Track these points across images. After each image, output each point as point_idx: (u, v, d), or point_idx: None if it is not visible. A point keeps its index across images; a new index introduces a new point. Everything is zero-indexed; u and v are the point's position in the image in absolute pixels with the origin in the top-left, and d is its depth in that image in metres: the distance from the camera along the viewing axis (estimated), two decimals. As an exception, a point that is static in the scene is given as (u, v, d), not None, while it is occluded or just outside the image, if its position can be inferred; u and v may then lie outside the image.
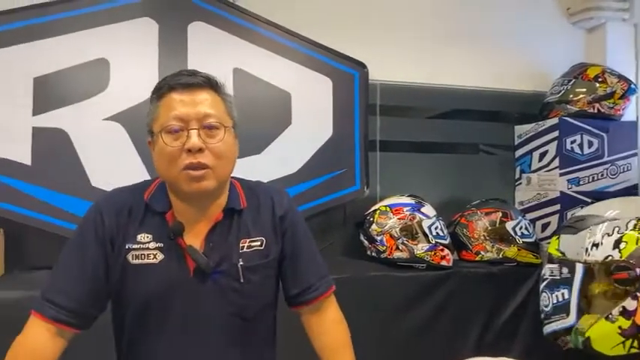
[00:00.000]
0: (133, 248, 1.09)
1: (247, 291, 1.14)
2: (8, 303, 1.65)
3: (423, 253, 2.21)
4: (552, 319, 1.84)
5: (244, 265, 1.13)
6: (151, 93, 1.12)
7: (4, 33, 2.04)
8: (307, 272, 1.24)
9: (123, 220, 1.11)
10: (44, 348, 1.05)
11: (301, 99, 2.42)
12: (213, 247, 1.12)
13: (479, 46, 2.84)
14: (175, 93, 1.07)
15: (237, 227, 1.16)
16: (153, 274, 1.09)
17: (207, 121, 1.07)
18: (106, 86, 2.14)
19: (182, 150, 1.04)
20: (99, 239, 1.09)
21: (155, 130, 1.08)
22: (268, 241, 1.18)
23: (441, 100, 2.81)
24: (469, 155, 2.90)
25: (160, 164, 1.09)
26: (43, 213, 2.04)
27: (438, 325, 2.14)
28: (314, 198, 2.41)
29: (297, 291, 1.23)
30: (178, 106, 1.06)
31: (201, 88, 1.09)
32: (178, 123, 1.05)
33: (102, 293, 1.10)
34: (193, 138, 1.04)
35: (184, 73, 1.11)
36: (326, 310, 1.26)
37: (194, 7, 2.26)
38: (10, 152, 2.02)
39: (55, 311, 1.05)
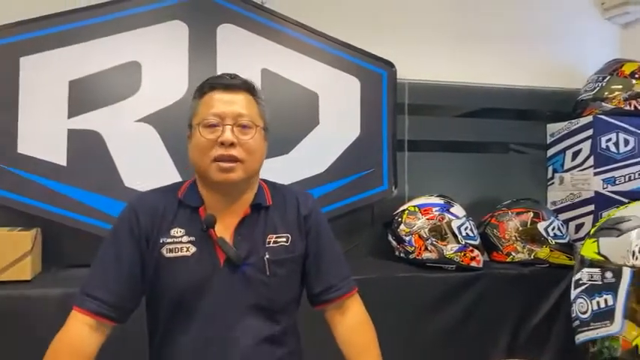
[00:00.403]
0: (167, 242, 1.17)
1: (273, 284, 1.19)
2: (47, 300, 1.71)
3: (453, 253, 2.19)
4: (591, 326, 1.75)
5: (270, 258, 1.19)
6: (195, 91, 1.23)
7: (40, 38, 2.09)
8: (331, 272, 1.29)
9: (157, 218, 1.18)
10: (84, 342, 1.10)
11: (329, 99, 2.42)
12: (242, 240, 1.19)
13: (509, 43, 2.79)
14: (215, 92, 1.19)
15: (264, 223, 1.23)
16: (186, 266, 1.16)
17: (241, 119, 1.17)
18: (138, 88, 2.18)
19: (215, 142, 1.14)
20: (134, 236, 1.16)
21: (194, 124, 1.18)
22: (294, 238, 1.24)
23: (470, 98, 2.77)
24: (499, 154, 2.85)
25: (194, 154, 1.18)
26: (78, 212, 2.09)
27: (467, 327, 2.12)
28: (341, 198, 2.41)
29: (319, 289, 1.27)
30: (217, 104, 1.17)
31: (238, 90, 1.20)
32: (215, 119, 1.16)
33: (138, 287, 1.17)
34: (227, 133, 1.14)
35: (226, 75, 1.22)
36: (350, 310, 1.29)
37: (223, 9, 2.29)
38: (47, 154, 2.08)
39: (96, 305, 1.11)
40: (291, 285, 1.25)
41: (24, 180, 2.04)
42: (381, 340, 1.27)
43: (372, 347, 1.26)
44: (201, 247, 1.17)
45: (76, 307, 1.12)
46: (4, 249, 1.82)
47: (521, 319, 2.19)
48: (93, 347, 1.11)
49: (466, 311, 2.12)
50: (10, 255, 1.82)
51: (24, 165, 2.05)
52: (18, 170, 2.04)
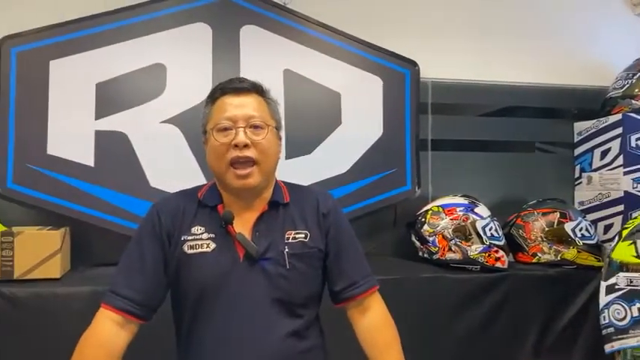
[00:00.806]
0: (188, 239, 1.21)
1: (293, 278, 1.21)
2: (76, 297, 1.75)
3: (477, 254, 2.16)
4: (631, 334, 1.69)
5: (290, 252, 1.21)
6: (206, 97, 1.26)
7: (69, 42, 2.14)
8: (351, 269, 1.30)
9: (177, 218, 1.23)
10: (112, 338, 1.13)
11: (351, 99, 2.42)
12: (260, 235, 1.22)
13: (535, 39, 2.75)
14: (226, 97, 1.22)
15: (283, 219, 1.26)
16: (207, 262, 1.19)
17: (252, 121, 1.20)
18: (163, 90, 2.21)
19: (230, 145, 1.17)
20: (157, 235, 1.21)
21: (208, 129, 1.22)
22: (312, 235, 1.26)
23: (494, 97, 2.74)
24: (525, 154, 2.82)
25: (210, 159, 1.22)
26: (105, 212, 2.13)
27: (492, 329, 2.09)
28: (364, 198, 2.40)
29: (340, 287, 1.29)
30: (229, 108, 1.20)
31: (248, 93, 1.23)
32: (227, 122, 1.19)
33: (162, 285, 1.21)
34: (240, 135, 1.18)
35: (235, 80, 1.25)
36: (371, 308, 1.30)
37: (246, 11, 2.31)
38: (75, 154, 2.13)
39: (122, 302, 1.15)
40: (311, 280, 1.26)
41: (53, 180, 2.09)
42: (405, 340, 1.27)
43: (393, 346, 1.27)
44: (221, 243, 1.20)
45: (104, 304, 1.16)
46: (34, 248, 1.86)
47: (547, 322, 2.15)
48: (120, 343, 1.14)
49: (491, 313, 2.09)
50: (40, 254, 1.87)
51: (53, 166, 2.10)
52: (47, 171, 2.09)
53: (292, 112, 2.28)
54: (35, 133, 2.09)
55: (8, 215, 2.09)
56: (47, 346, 1.69)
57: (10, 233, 1.85)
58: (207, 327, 1.19)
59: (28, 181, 2.07)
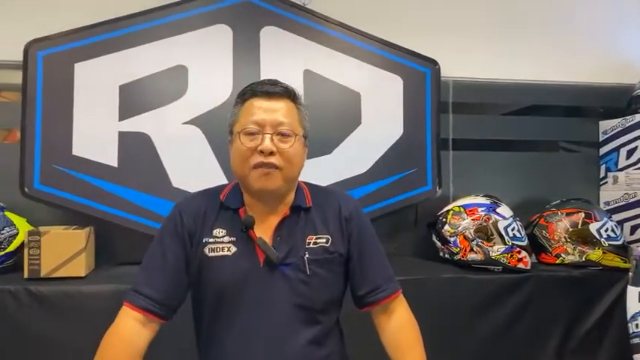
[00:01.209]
0: (209, 242, 1.20)
1: (313, 283, 1.20)
2: (100, 295, 1.78)
3: (499, 255, 2.14)
4: None
5: (310, 257, 1.20)
6: (236, 97, 1.25)
7: (93, 45, 2.19)
8: (375, 274, 1.28)
9: (199, 219, 1.22)
10: (134, 337, 1.14)
11: (371, 98, 2.42)
12: (281, 240, 1.21)
13: (558, 38, 2.71)
14: (256, 99, 1.20)
15: (304, 224, 1.24)
16: (227, 265, 1.18)
17: (281, 128, 1.18)
18: (185, 91, 2.24)
19: (255, 150, 1.16)
20: (179, 236, 1.21)
21: (235, 131, 1.20)
22: (334, 240, 1.24)
23: (517, 95, 2.70)
24: (548, 153, 2.78)
25: (234, 161, 1.21)
26: (129, 212, 2.17)
27: (514, 330, 2.06)
28: (384, 198, 2.39)
29: (364, 291, 1.27)
30: (257, 112, 1.18)
31: (279, 98, 1.21)
32: (255, 127, 1.17)
33: (183, 285, 1.21)
34: (266, 141, 1.16)
35: (267, 82, 1.22)
36: (395, 311, 1.29)
37: (266, 12, 2.32)
38: (99, 155, 2.16)
39: (144, 301, 1.16)
40: (332, 285, 1.25)
41: (78, 181, 2.13)
42: (427, 341, 1.26)
43: (416, 348, 1.25)
44: (242, 247, 1.20)
45: (127, 302, 1.17)
46: (60, 247, 1.90)
47: (571, 324, 2.11)
48: (142, 342, 1.15)
49: (513, 314, 2.07)
50: (65, 252, 1.91)
51: (78, 166, 2.14)
52: (73, 171, 2.14)
53: (312, 112, 2.22)
54: (61, 135, 2.14)
55: (35, 215, 2.14)
56: (72, 343, 1.72)
57: (37, 233, 1.89)
58: (227, 330, 1.19)
59: (54, 181, 2.11)
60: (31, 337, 1.75)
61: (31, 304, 1.76)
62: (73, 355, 1.67)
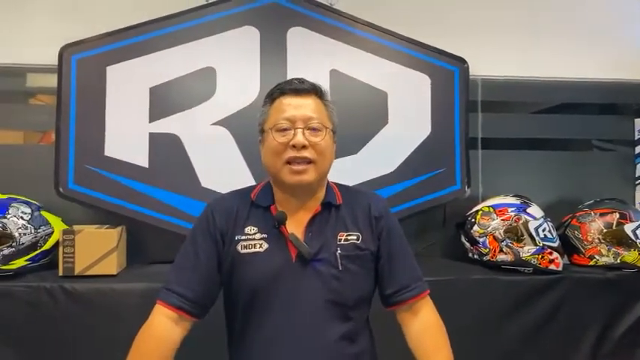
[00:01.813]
0: (241, 239, 1.22)
1: (345, 279, 1.21)
2: (132, 293, 1.82)
3: (530, 256, 2.10)
4: None
5: (342, 253, 1.22)
6: (265, 97, 1.28)
7: (124, 48, 2.24)
8: (403, 273, 1.29)
9: (231, 218, 1.25)
10: (167, 334, 1.17)
11: (398, 98, 2.40)
12: (313, 236, 1.23)
13: (591, 32, 2.64)
14: (285, 97, 1.24)
15: (335, 221, 1.26)
16: (259, 262, 1.20)
17: (311, 122, 1.21)
18: (213, 93, 2.27)
19: (287, 145, 1.19)
20: (211, 235, 1.23)
21: (266, 128, 1.23)
22: (364, 237, 1.26)
23: (548, 93, 2.65)
24: (581, 152, 2.71)
25: (267, 157, 1.24)
26: (159, 211, 2.20)
27: (545, 333, 2.02)
28: (412, 198, 2.38)
29: (392, 290, 1.28)
30: (288, 109, 1.22)
31: (307, 94, 1.24)
32: (286, 122, 1.20)
33: (215, 284, 1.24)
34: (298, 136, 1.19)
35: (295, 80, 1.25)
36: (422, 313, 1.29)
37: (293, 13, 2.33)
38: (130, 156, 2.21)
39: (176, 299, 1.18)
40: (363, 282, 1.26)
41: (110, 181, 2.18)
42: (455, 343, 1.25)
43: (443, 350, 1.25)
44: (274, 244, 1.22)
45: (160, 301, 1.19)
46: (92, 246, 1.95)
47: (605, 328, 2.06)
48: (175, 339, 1.18)
49: (545, 316, 2.03)
50: (98, 251, 1.96)
51: (110, 167, 2.19)
52: (105, 172, 2.19)
53: (338, 112, 2.24)
54: (93, 136, 2.19)
55: (70, 214, 2.20)
56: (104, 338, 1.77)
57: (71, 231, 1.94)
58: (259, 326, 1.20)
59: (87, 181, 2.17)
60: (66, 332, 1.80)
61: (65, 300, 1.81)
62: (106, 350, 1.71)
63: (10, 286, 1.81)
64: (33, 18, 2.33)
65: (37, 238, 2.00)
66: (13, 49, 2.30)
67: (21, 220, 1.97)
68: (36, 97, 2.43)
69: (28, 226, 1.98)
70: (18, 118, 2.38)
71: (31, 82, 2.39)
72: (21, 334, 1.79)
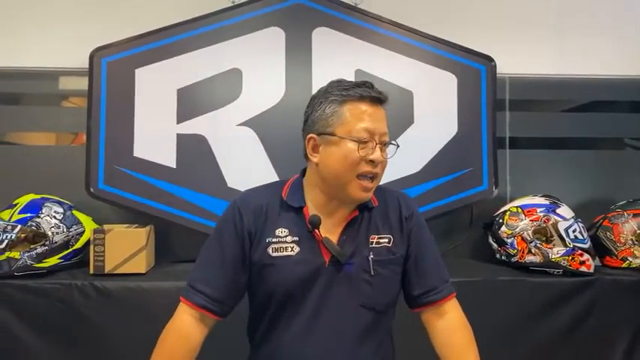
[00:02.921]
0: (272, 242, 1.20)
1: (377, 284, 1.20)
2: (160, 292, 1.85)
3: (560, 257, 2.05)
4: None
5: (374, 258, 1.20)
6: (329, 94, 1.20)
7: (152, 51, 2.27)
8: (431, 274, 1.28)
9: (260, 218, 1.21)
10: (190, 332, 1.17)
11: (424, 97, 2.38)
12: (346, 240, 1.21)
13: (621, 28, 2.58)
14: (364, 104, 1.17)
15: (368, 224, 1.24)
16: (291, 266, 1.18)
17: (385, 138, 1.19)
18: (239, 94, 2.29)
19: (362, 159, 1.15)
20: (238, 234, 1.20)
21: (339, 134, 1.16)
22: (395, 239, 1.25)
23: (578, 91, 2.60)
24: (613, 151, 2.65)
25: (337, 166, 1.17)
26: (186, 211, 2.24)
27: (575, 337, 1.98)
28: (438, 198, 2.35)
29: (419, 292, 1.27)
30: (368, 119, 1.16)
31: (382, 105, 1.21)
32: (367, 135, 1.16)
33: (240, 284, 1.22)
34: (378, 152, 1.16)
35: (368, 86, 1.20)
36: (449, 314, 1.27)
37: (318, 13, 2.34)
38: (159, 157, 2.25)
39: (200, 298, 1.18)
40: (393, 286, 1.25)
41: (139, 181, 2.22)
42: (483, 346, 1.24)
43: (470, 349, 1.23)
44: (306, 247, 1.20)
45: (183, 298, 1.20)
46: (122, 244, 1.99)
47: (638, 332, 2.00)
48: (198, 337, 1.18)
49: (575, 320, 1.98)
50: (127, 250, 1.99)
51: (139, 167, 2.23)
52: (134, 172, 2.23)
53: None
54: (123, 137, 2.23)
55: (100, 214, 2.25)
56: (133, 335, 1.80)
57: (102, 231, 1.99)
58: (286, 328, 1.19)
59: (116, 182, 2.21)
60: (96, 328, 1.84)
61: (96, 298, 1.85)
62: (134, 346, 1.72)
63: (43, 284, 1.86)
64: (64, 22, 2.39)
65: (69, 237, 2.04)
66: (46, 53, 2.36)
67: (54, 219, 2.02)
68: (68, 100, 2.49)
69: (61, 225, 2.03)
70: (50, 120, 2.45)
71: (63, 84, 2.45)
72: (53, 329, 1.84)
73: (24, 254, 1.92)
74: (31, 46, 2.37)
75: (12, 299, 1.83)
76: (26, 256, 1.92)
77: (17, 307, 1.83)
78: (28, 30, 2.38)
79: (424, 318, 1.29)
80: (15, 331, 1.82)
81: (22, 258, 1.91)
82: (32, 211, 2.00)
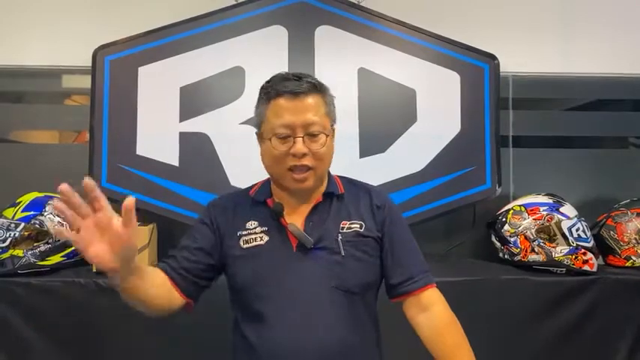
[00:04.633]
0: (243, 235, 1.26)
1: (349, 265, 1.22)
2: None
3: (563, 256, 2.05)
4: None
5: (344, 239, 1.22)
6: (260, 91, 1.26)
7: (155, 49, 2.28)
8: (408, 263, 1.28)
9: (229, 213, 1.29)
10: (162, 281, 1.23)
11: (427, 95, 2.38)
12: (314, 226, 1.25)
13: (626, 26, 2.57)
14: (282, 99, 1.19)
15: (338, 210, 1.28)
16: (261, 254, 1.22)
17: (311, 129, 1.19)
18: (242, 92, 2.29)
19: (288, 153, 1.18)
20: (208, 225, 1.29)
21: (263, 133, 1.23)
22: (367, 225, 1.27)
23: (582, 90, 2.59)
24: (616, 150, 2.64)
25: (267, 162, 1.25)
26: (189, 209, 2.24)
27: (578, 336, 1.97)
28: (441, 197, 2.35)
29: (397, 281, 1.27)
30: (285, 114, 1.18)
31: (305, 95, 1.19)
32: (286, 130, 1.18)
33: (204, 266, 1.26)
34: (298, 145, 1.18)
35: (291, 78, 1.19)
36: (433, 307, 1.26)
37: (321, 11, 2.33)
38: (162, 155, 2.25)
39: (167, 266, 1.24)
40: (367, 268, 1.26)
41: (142, 179, 2.23)
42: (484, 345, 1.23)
43: (463, 346, 1.22)
44: (274, 236, 1.24)
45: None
46: (125, 242, 1.99)
47: (642, 331, 2.00)
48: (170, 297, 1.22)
49: (578, 319, 1.98)
50: (130, 248, 1.99)
51: (142, 165, 2.24)
52: (137, 170, 2.24)
53: (366, 110, 2.29)
54: (126, 135, 2.24)
55: (103, 212, 2.25)
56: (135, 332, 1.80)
57: (105, 229, 1.98)
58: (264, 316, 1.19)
59: (119, 180, 2.22)
60: (99, 325, 1.85)
61: (100, 296, 1.85)
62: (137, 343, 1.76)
63: (46, 282, 1.87)
64: (68, 21, 2.39)
65: (72, 235, 2.05)
66: (49, 52, 2.37)
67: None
68: (71, 98, 2.50)
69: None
70: (53, 118, 2.45)
71: (66, 83, 2.45)
72: (56, 327, 1.84)
73: (27, 252, 1.93)
74: (34, 45, 2.38)
75: (15, 297, 1.83)
76: (29, 254, 1.93)
77: (20, 304, 1.84)
78: (31, 28, 2.39)
79: (407, 313, 1.28)
80: (18, 328, 1.82)
81: (25, 256, 1.92)
82: (35, 209, 2.00)
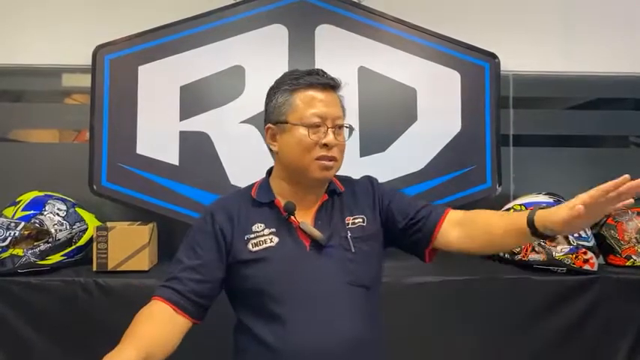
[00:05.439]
0: (251, 238, 1.23)
1: (361, 260, 1.23)
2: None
3: (563, 255, 2.05)
4: None
5: (353, 236, 1.26)
6: (280, 84, 1.28)
7: (155, 48, 2.27)
8: (418, 207, 1.31)
9: (234, 218, 1.25)
10: (167, 321, 1.16)
11: (427, 94, 2.37)
12: (322, 223, 1.26)
13: (627, 25, 2.56)
14: (314, 91, 1.24)
15: (340, 207, 1.30)
16: (273, 256, 1.20)
17: (339, 122, 1.24)
18: (242, 91, 2.29)
19: (317, 143, 1.20)
20: (210, 234, 1.23)
21: (291, 121, 1.22)
22: (369, 219, 1.30)
23: (582, 88, 2.58)
24: (617, 149, 2.64)
25: (293, 151, 1.23)
26: (189, 209, 2.23)
27: (578, 335, 1.97)
28: (441, 196, 2.34)
29: (421, 215, 1.28)
30: (319, 105, 1.22)
31: (334, 90, 1.26)
32: (318, 120, 1.21)
33: (214, 284, 1.22)
34: (331, 135, 1.21)
35: (318, 72, 1.24)
36: (454, 217, 1.29)
37: (321, 10, 2.33)
38: (161, 154, 2.25)
39: (173, 293, 1.18)
40: (374, 261, 1.29)
41: (142, 178, 2.23)
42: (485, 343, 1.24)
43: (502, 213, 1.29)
44: (284, 236, 1.23)
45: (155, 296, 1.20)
46: (125, 242, 1.99)
47: (643, 330, 2.00)
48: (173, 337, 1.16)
49: (578, 318, 1.97)
50: (130, 247, 1.99)
51: (142, 165, 2.23)
52: (137, 169, 2.23)
53: (366, 109, 2.29)
54: (126, 134, 2.23)
55: (102, 211, 2.26)
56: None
57: (105, 228, 1.99)
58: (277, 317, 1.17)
59: (119, 179, 2.21)
60: (99, 324, 1.83)
61: (99, 295, 1.86)
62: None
63: (46, 281, 1.87)
64: (68, 20, 2.39)
65: (72, 234, 2.05)
66: (48, 51, 2.36)
67: (57, 216, 2.02)
68: (71, 97, 2.50)
69: (64, 222, 2.03)
70: (54, 117, 2.45)
71: (66, 82, 2.45)
72: (56, 326, 1.84)
73: (27, 251, 1.93)
74: (33, 44, 2.38)
75: (15, 296, 1.83)
76: (29, 253, 1.93)
77: (20, 304, 1.83)
78: (31, 27, 2.38)
79: (443, 243, 1.29)
80: (17, 327, 1.82)
81: (25, 255, 1.92)
82: (35, 209, 2.00)
